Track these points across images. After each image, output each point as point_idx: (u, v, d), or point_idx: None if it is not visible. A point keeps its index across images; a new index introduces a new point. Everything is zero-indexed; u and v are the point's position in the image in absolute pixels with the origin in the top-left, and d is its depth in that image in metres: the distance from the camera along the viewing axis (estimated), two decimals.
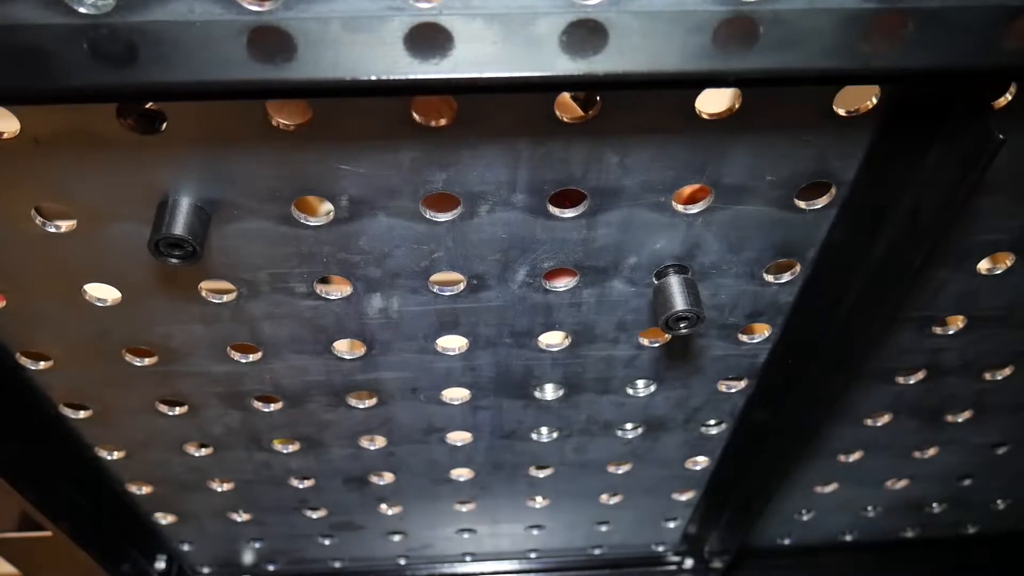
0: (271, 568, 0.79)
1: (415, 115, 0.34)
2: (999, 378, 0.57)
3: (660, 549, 0.79)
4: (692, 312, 0.42)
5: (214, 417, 0.55)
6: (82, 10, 0.28)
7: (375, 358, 0.49)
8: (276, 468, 0.62)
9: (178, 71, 0.28)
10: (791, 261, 0.44)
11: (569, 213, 0.40)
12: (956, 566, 0.84)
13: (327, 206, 0.38)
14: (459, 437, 0.60)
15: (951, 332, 0.51)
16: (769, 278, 0.45)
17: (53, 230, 0.38)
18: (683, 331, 0.43)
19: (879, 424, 0.62)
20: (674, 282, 0.43)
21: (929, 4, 0.30)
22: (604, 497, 0.69)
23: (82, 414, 0.53)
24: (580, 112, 0.35)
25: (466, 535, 0.75)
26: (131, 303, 0.43)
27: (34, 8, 0.28)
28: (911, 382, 0.57)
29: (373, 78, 0.28)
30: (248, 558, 0.77)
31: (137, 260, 0.40)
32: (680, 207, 0.40)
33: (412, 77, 0.28)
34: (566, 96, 0.36)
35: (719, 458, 0.64)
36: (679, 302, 0.42)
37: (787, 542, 0.81)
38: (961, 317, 0.50)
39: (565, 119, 0.34)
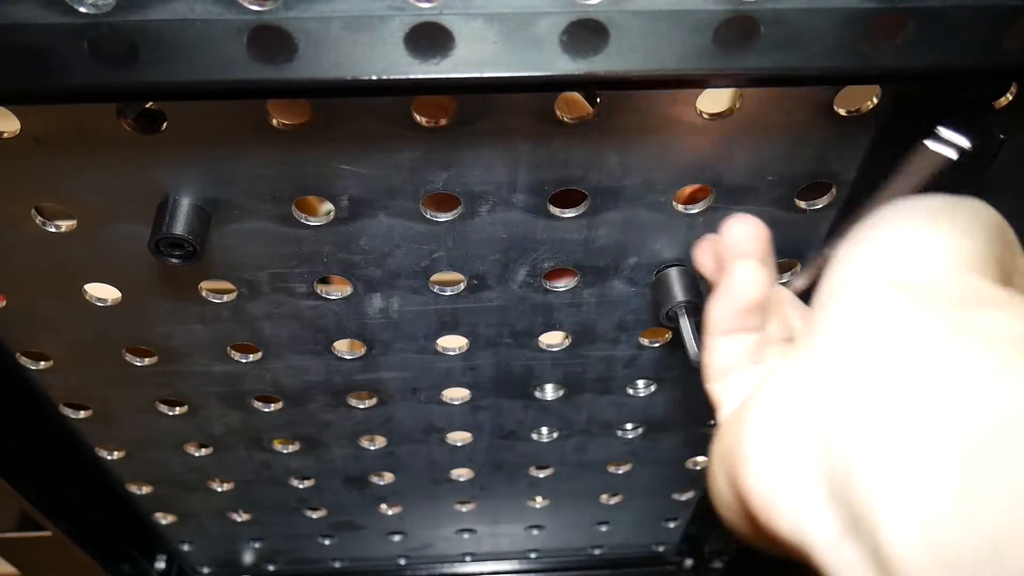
0: (271, 568, 0.79)
1: (415, 115, 0.34)
2: None
3: (660, 549, 0.79)
4: (690, 303, 0.42)
5: (214, 417, 0.55)
6: (82, 9, 0.28)
7: (375, 358, 0.49)
8: (276, 468, 0.62)
9: (178, 71, 0.28)
10: (791, 261, 0.44)
11: (569, 213, 0.40)
12: None
13: (327, 206, 0.38)
14: (459, 437, 0.59)
15: None
16: None
17: (53, 230, 0.38)
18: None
19: None
20: (673, 274, 0.43)
21: (929, 4, 0.30)
22: (604, 497, 0.69)
23: (82, 414, 0.53)
24: (589, 109, 0.35)
25: (466, 535, 0.75)
26: (131, 303, 0.43)
27: (34, 8, 0.28)
28: None
29: (373, 78, 0.28)
30: (248, 558, 0.77)
31: (137, 260, 0.40)
32: (680, 207, 0.40)
33: (412, 77, 0.28)
34: (575, 94, 0.36)
35: None
36: (679, 293, 0.42)
37: None
38: None
39: (567, 119, 0.34)
